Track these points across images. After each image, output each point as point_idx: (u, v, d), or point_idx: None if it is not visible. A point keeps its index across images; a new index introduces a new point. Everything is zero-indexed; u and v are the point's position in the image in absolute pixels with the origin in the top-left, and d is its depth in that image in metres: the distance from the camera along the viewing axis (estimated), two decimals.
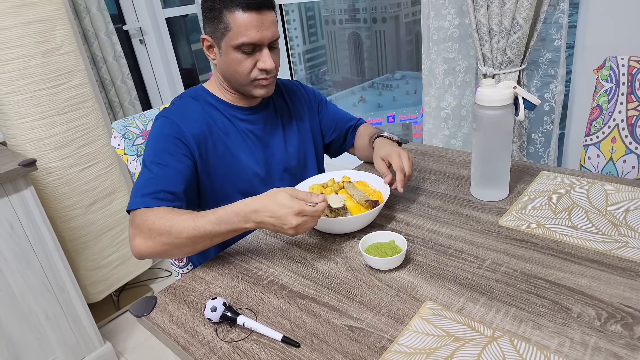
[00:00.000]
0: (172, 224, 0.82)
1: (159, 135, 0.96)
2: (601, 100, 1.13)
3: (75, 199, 1.64)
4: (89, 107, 1.66)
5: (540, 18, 1.42)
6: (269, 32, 0.94)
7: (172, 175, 0.92)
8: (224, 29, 0.93)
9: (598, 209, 0.89)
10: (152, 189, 0.88)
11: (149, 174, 0.91)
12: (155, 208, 0.86)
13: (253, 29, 0.92)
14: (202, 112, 1.02)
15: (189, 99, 1.05)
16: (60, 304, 1.50)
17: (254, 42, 0.93)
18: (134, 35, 2.60)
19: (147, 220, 0.84)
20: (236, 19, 0.91)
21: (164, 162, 0.92)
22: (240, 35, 0.92)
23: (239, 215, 0.79)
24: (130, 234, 0.87)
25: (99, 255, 1.76)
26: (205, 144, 1.00)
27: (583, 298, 0.68)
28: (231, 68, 0.97)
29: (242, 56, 0.95)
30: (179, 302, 0.78)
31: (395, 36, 3.41)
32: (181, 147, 0.95)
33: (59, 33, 1.53)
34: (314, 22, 3.68)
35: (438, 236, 0.88)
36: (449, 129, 1.80)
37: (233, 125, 1.05)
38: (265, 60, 0.95)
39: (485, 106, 0.91)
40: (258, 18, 0.92)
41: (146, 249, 0.84)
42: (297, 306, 0.74)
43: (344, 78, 3.78)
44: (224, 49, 0.96)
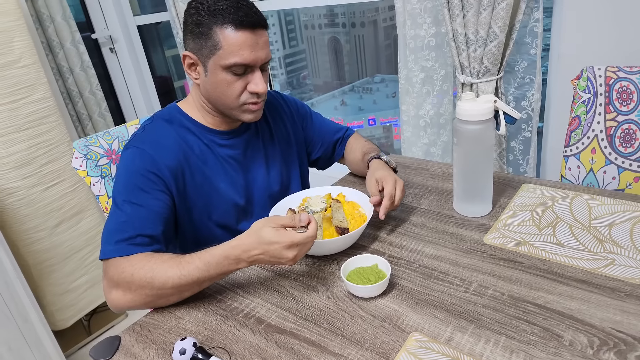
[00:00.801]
0: (153, 274, 0.74)
1: (130, 169, 0.86)
2: (580, 111, 1.13)
3: (39, 221, 1.55)
4: (52, 122, 1.57)
5: (515, 27, 1.42)
6: (262, 53, 0.86)
7: (147, 216, 0.82)
8: (213, 46, 0.84)
9: (582, 224, 0.87)
10: (127, 234, 0.79)
11: (122, 216, 0.82)
12: (131, 256, 0.77)
13: (247, 49, 0.84)
14: (177, 138, 0.93)
15: (161, 122, 0.95)
16: (23, 335, 1.40)
17: (246, 63, 0.85)
18: (103, 43, 2.51)
19: (124, 271, 0.76)
20: (228, 37, 0.83)
21: (138, 202, 0.83)
22: (232, 54, 0.83)
23: (229, 258, 0.74)
24: (105, 286, 0.79)
25: (67, 279, 1.66)
26: (182, 176, 0.91)
27: (574, 323, 0.65)
28: (218, 90, 0.88)
29: (232, 77, 0.86)
30: (145, 342, 0.72)
31: (374, 40, 3.43)
32: (157, 183, 0.86)
33: (17, 45, 1.44)
34: (293, 26, 3.67)
35: (422, 257, 0.85)
36: (428, 137, 1.78)
37: (211, 152, 0.96)
38: (257, 83, 0.87)
39: (466, 121, 0.88)
40: (252, 37, 0.84)
41: (126, 302, 0.77)
42: (275, 343, 0.69)
43: (324, 82, 3.80)
44: (211, 68, 0.87)
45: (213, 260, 0.74)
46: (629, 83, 1.06)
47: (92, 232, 1.73)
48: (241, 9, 0.83)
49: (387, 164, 1.03)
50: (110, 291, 0.78)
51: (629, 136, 1.07)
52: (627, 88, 1.06)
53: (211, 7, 0.84)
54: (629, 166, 1.09)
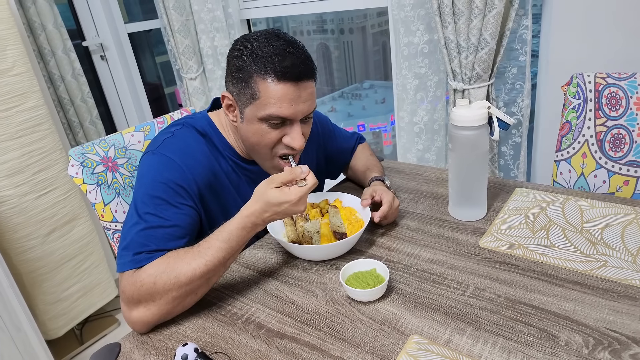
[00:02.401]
0: (177, 272, 0.71)
1: (156, 178, 0.80)
2: (570, 117, 1.15)
3: (32, 229, 1.53)
4: (45, 129, 1.56)
5: (506, 34, 1.45)
6: (305, 106, 0.80)
7: (172, 232, 0.77)
8: (252, 95, 0.79)
9: (575, 227, 0.89)
10: (148, 248, 0.74)
11: (145, 229, 0.76)
12: (146, 267, 0.72)
13: (286, 102, 0.78)
14: (209, 153, 0.87)
15: (193, 131, 0.88)
16: (16, 345, 1.38)
17: (285, 117, 0.79)
18: (94, 51, 2.50)
19: (144, 284, 0.71)
20: (268, 88, 0.77)
21: (163, 215, 0.77)
22: (269, 106, 0.78)
23: (246, 228, 0.74)
24: (124, 309, 0.74)
25: (59, 287, 1.64)
26: (209, 193, 0.87)
27: (569, 324, 0.66)
28: (253, 139, 0.83)
29: (268, 128, 0.81)
30: (146, 349, 0.72)
31: (363, 46, 3.44)
32: (184, 197, 0.81)
33: (10, 53, 1.44)
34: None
35: (419, 261, 0.86)
36: (423, 143, 1.80)
37: (238, 176, 0.92)
38: (294, 137, 0.81)
39: (460, 126, 0.90)
40: (294, 90, 0.78)
41: (152, 316, 0.72)
42: (275, 347, 0.69)
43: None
44: (247, 116, 0.82)
45: (232, 236, 0.74)
46: (617, 89, 1.09)
47: (84, 240, 1.72)
48: (287, 57, 0.77)
49: (389, 188, 1.02)
50: (131, 312, 0.73)
51: (619, 141, 1.10)
52: (616, 94, 1.09)
53: (255, 52, 0.78)
54: (618, 170, 1.12)
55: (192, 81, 2.33)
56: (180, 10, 2.17)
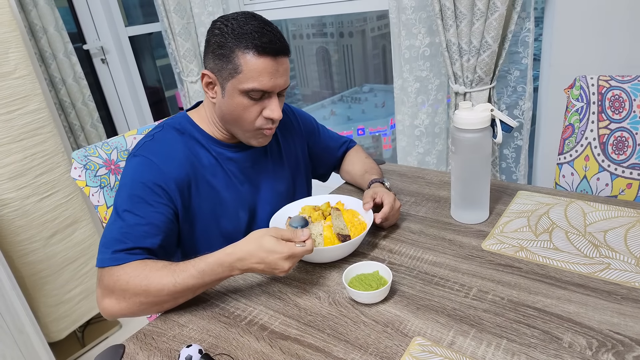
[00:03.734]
0: (149, 282, 0.75)
1: (135, 179, 0.85)
2: (573, 119, 1.15)
3: (34, 232, 1.53)
4: (47, 132, 1.57)
5: (507, 37, 1.45)
6: (282, 80, 0.86)
7: (148, 230, 0.82)
8: (234, 70, 0.84)
9: (577, 229, 0.89)
10: (126, 245, 0.79)
11: (123, 226, 0.81)
12: (126, 265, 0.78)
13: (267, 75, 0.84)
14: (186, 150, 0.92)
15: (172, 131, 0.94)
16: (19, 347, 1.38)
17: (265, 90, 0.85)
18: (95, 54, 2.51)
19: (119, 280, 0.76)
20: (249, 62, 0.83)
21: (140, 213, 0.83)
22: (251, 80, 0.83)
23: (223, 265, 0.75)
24: (98, 294, 0.80)
25: (61, 290, 1.64)
26: (188, 188, 0.90)
27: (572, 326, 0.66)
28: (234, 113, 0.88)
29: (249, 102, 0.86)
30: (150, 350, 0.72)
31: (362, 50, 3.42)
32: (161, 196, 0.85)
33: (12, 56, 1.44)
34: None
35: (422, 263, 0.86)
36: (423, 146, 1.80)
37: (219, 164, 0.96)
38: (273, 109, 0.87)
39: (463, 129, 0.90)
40: (273, 64, 0.84)
41: (119, 310, 0.78)
42: (279, 349, 0.69)
43: (313, 92, 3.78)
44: (228, 90, 0.87)
45: (207, 268, 0.75)
46: (620, 92, 1.09)
47: (86, 243, 1.72)
48: (266, 34, 0.83)
49: (389, 190, 1.02)
50: (104, 299, 0.79)
51: (622, 143, 1.10)
52: (619, 96, 1.09)
53: (236, 29, 0.83)
54: (621, 173, 1.12)
55: (193, 84, 2.34)
56: (181, 13, 2.18)
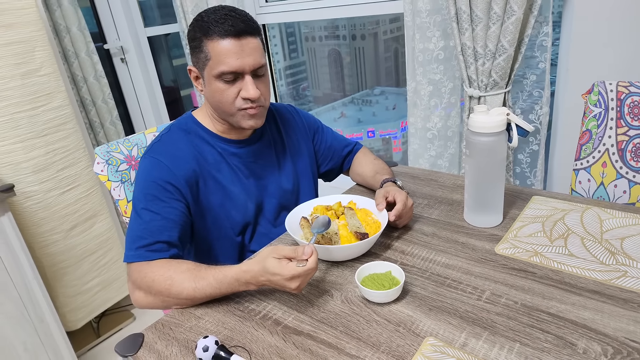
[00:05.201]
0: (171, 282, 0.80)
1: (147, 178, 0.91)
2: (590, 125, 1.15)
3: (55, 224, 1.57)
4: (69, 129, 1.61)
5: (524, 41, 1.44)
6: (250, 59, 0.89)
7: (165, 224, 0.88)
8: (205, 58, 0.89)
9: (593, 236, 0.89)
10: (146, 241, 0.85)
11: (141, 224, 0.87)
12: (152, 262, 0.84)
13: (232, 56, 0.87)
14: (192, 148, 0.97)
15: (178, 132, 0.99)
16: (39, 335, 1.42)
17: (233, 71, 0.88)
18: (115, 54, 2.56)
19: (146, 276, 0.82)
20: (215, 47, 0.87)
21: (155, 210, 0.88)
22: (219, 63, 0.88)
23: (239, 281, 0.78)
24: (129, 286, 0.87)
25: (79, 280, 1.68)
26: (196, 184, 0.95)
27: (587, 332, 0.66)
28: (215, 98, 0.93)
29: (224, 85, 0.90)
30: (168, 340, 0.74)
31: (374, 53, 3.40)
32: (173, 192, 0.91)
33: (38, 54, 1.48)
34: (294, 38, 3.68)
35: (434, 265, 0.87)
36: (435, 149, 1.80)
37: (224, 160, 1.00)
38: (247, 89, 0.90)
39: (478, 132, 0.90)
40: (237, 44, 0.87)
41: (147, 303, 0.84)
42: (292, 343, 0.70)
43: (324, 94, 3.78)
44: (206, 78, 0.92)
45: (225, 281, 0.79)
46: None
47: (104, 236, 1.76)
48: (228, 19, 0.87)
49: (401, 189, 1.03)
50: (134, 291, 0.86)
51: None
52: (639, 103, 1.08)
53: (203, 20, 0.89)
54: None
55: None
56: None
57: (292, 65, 3.71)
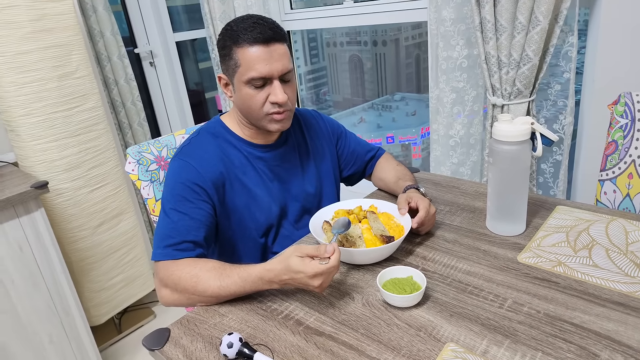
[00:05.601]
0: (197, 280, 0.83)
1: (176, 180, 0.95)
2: (617, 136, 1.13)
3: (83, 220, 1.63)
4: (101, 129, 1.67)
5: (549, 51, 1.43)
6: (278, 64, 0.92)
7: (191, 224, 0.91)
8: (235, 65, 0.93)
9: (619, 248, 0.88)
10: (173, 240, 0.89)
11: (169, 223, 0.91)
12: (178, 261, 0.87)
13: (261, 62, 0.90)
14: (219, 152, 1.00)
15: (206, 135, 1.03)
16: (64, 327, 1.47)
17: (262, 76, 0.91)
18: (144, 57, 2.64)
19: (173, 274, 0.85)
20: (244, 54, 0.91)
21: (183, 210, 0.91)
22: (249, 70, 0.91)
23: (263, 280, 0.80)
24: (156, 284, 0.90)
25: (104, 276, 1.74)
26: (222, 186, 0.99)
27: (611, 344, 0.66)
28: (245, 104, 0.96)
29: (254, 91, 0.93)
30: (193, 336, 0.77)
31: (395, 59, 3.41)
32: (200, 194, 0.94)
33: (75, 58, 1.55)
34: (315, 44, 3.72)
35: (456, 272, 0.87)
36: (458, 157, 1.80)
37: (250, 163, 1.03)
38: (276, 94, 0.93)
39: (502, 141, 0.90)
40: (266, 51, 0.90)
41: (173, 301, 0.87)
42: (314, 344, 0.72)
43: (344, 99, 3.79)
44: (236, 85, 0.95)
45: (249, 279, 0.80)
46: None
47: (129, 233, 1.81)
48: (257, 27, 0.91)
49: (424, 196, 1.04)
50: (161, 289, 0.89)
51: None
52: None
53: (232, 29, 0.93)
54: None
55: None
56: (226, 21, 2.26)
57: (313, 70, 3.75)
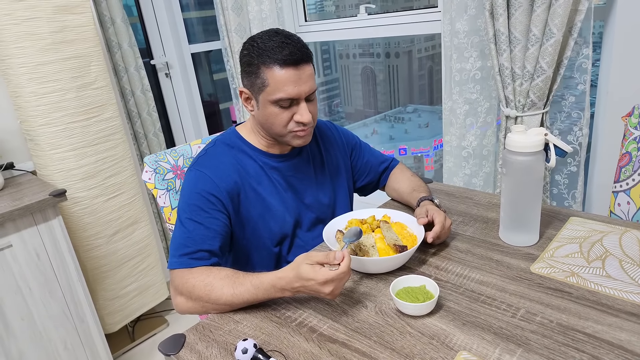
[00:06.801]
0: (211, 289, 0.84)
1: (192, 190, 0.96)
2: (630, 147, 1.13)
3: (99, 229, 1.66)
4: (117, 139, 1.71)
5: (563, 63, 1.44)
6: (306, 86, 0.93)
7: (207, 234, 0.92)
8: (262, 84, 0.93)
9: (632, 259, 0.87)
10: (189, 249, 0.90)
11: (185, 232, 0.92)
12: (193, 269, 0.88)
13: (291, 84, 0.91)
14: (235, 162, 1.02)
15: (222, 146, 1.04)
16: (79, 334, 1.49)
17: (291, 97, 0.92)
18: (160, 69, 2.70)
19: (187, 282, 0.87)
20: (274, 75, 0.91)
21: (199, 220, 0.93)
22: (277, 91, 0.92)
23: (275, 287, 0.81)
24: (172, 292, 0.92)
25: (118, 285, 1.76)
26: (237, 196, 1.00)
27: (623, 353, 0.66)
28: (269, 121, 0.97)
29: (280, 110, 0.94)
30: (208, 342, 0.78)
31: (408, 70, 3.40)
32: (216, 204, 0.95)
33: (94, 69, 1.60)
34: (328, 55, 3.77)
35: (469, 281, 0.87)
36: (470, 168, 1.80)
37: (265, 173, 1.05)
38: (302, 114, 0.94)
39: (515, 152, 0.91)
40: (295, 73, 0.91)
41: (188, 309, 0.88)
42: (327, 351, 0.73)
43: (356, 110, 3.80)
44: (261, 102, 0.96)
45: (262, 287, 0.82)
46: None
47: (144, 242, 1.84)
48: (286, 47, 0.90)
49: (439, 207, 1.05)
50: (176, 296, 0.90)
51: None
52: None
53: (260, 47, 0.92)
54: None
55: None
56: (241, 33, 2.31)
57: (325, 82, 3.78)
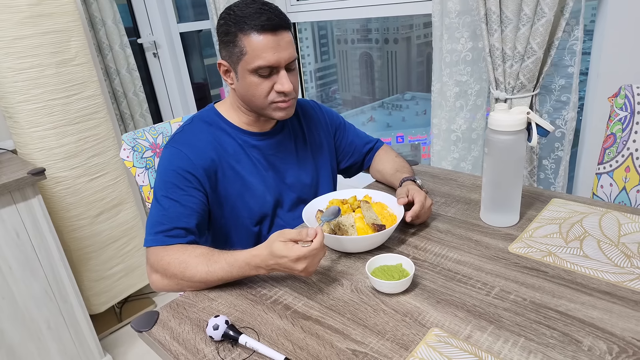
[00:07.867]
0: (185, 266, 0.83)
1: (168, 167, 0.94)
2: (615, 129, 1.12)
3: (82, 209, 1.64)
4: (100, 118, 1.68)
5: (554, 44, 1.42)
6: (285, 53, 0.91)
7: (183, 211, 0.91)
8: (240, 52, 0.90)
9: (610, 239, 0.87)
10: (164, 227, 0.89)
11: (161, 210, 0.91)
12: (169, 247, 0.87)
13: (269, 51, 0.89)
14: (213, 139, 0.99)
15: (200, 123, 1.02)
16: (63, 314, 1.49)
17: (270, 65, 0.90)
18: (147, 48, 2.64)
19: (162, 260, 0.86)
20: (252, 42, 0.89)
21: (174, 197, 0.92)
22: (256, 58, 0.89)
23: (250, 265, 0.80)
24: (147, 269, 0.91)
25: (104, 266, 1.75)
26: (215, 174, 0.98)
27: (594, 331, 0.66)
28: (249, 92, 0.94)
29: (259, 79, 0.92)
30: (181, 319, 0.77)
31: (406, 57, 3.34)
32: (192, 181, 0.94)
33: (74, 44, 1.56)
34: (326, 40, 3.66)
35: (446, 261, 0.87)
36: (459, 151, 1.79)
37: (244, 151, 1.02)
38: (282, 83, 0.92)
39: (497, 131, 0.90)
40: (274, 40, 0.89)
41: (163, 286, 0.88)
42: (300, 327, 0.72)
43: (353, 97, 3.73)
44: (240, 73, 0.93)
45: (236, 264, 0.81)
46: None
47: (129, 224, 1.82)
48: (264, 13, 0.89)
49: (421, 188, 1.04)
50: (151, 274, 0.89)
51: None
52: None
53: (237, 15, 0.90)
54: None
55: None
56: None
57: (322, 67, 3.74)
